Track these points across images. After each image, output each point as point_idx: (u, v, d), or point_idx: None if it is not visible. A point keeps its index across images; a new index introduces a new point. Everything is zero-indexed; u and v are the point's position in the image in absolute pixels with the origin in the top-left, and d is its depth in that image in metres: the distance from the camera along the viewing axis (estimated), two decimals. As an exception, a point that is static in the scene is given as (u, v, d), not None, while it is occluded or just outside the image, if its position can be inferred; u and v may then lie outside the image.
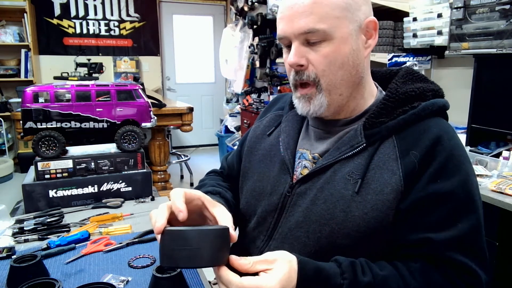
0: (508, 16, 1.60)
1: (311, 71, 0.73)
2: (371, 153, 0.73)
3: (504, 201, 1.36)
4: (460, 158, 0.71)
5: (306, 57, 0.72)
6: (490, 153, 1.81)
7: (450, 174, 0.69)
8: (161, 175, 3.38)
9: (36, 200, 1.33)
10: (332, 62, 0.72)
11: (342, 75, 0.74)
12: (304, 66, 0.73)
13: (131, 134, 1.48)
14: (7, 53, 4.63)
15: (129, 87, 1.52)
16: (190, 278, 0.88)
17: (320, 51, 0.71)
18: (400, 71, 0.83)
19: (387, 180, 0.70)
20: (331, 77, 0.73)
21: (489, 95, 1.81)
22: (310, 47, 0.72)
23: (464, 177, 0.70)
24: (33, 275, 0.79)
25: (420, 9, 2.20)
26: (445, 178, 0.68)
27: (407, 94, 0.75)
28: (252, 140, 0.94)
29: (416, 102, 0.75)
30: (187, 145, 6.00)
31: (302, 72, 0.74)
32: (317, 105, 0.75)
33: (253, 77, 4.84)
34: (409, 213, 0.69)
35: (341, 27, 0.71)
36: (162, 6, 5.53)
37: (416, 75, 0.81)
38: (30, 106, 1.38)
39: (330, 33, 0.70)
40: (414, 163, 0.69)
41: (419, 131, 0.72)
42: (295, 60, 0.72)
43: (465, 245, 0.67)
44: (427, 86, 0.78)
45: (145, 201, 1.41)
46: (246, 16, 4.43)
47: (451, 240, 0.67)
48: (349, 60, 0.73)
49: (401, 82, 0.79)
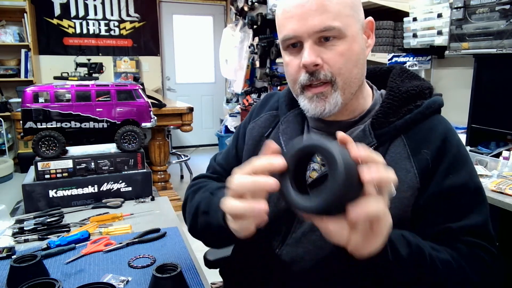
0: (508, 16, 1.60)
1: (327, 70, 0.71)
2: (382, 153, 0.73)
3: (504, 201, 1.36)
4: (465, 152, 0.76)
5: (321, 56, 0.71)
6: (490, 153, 1.81)
7: (460, 168, 0.73)
8: (161, 175, 3.38)
9: (36, 200, 1.33)
10: (348, 60, 0.72)
11: (356, 73, 0.74)
12: (320, 65, 0.71)
13: (131, 134, 1.48)
14: (7, 53, 4.63)
15: (129, 87, 1.52)
16: (190, 278, 0.88)
17: (335, 50, 0.71)
18: (393, 69, 0.84)
19: (403, 178, 0.71)
20: (347, 75, 0.72)
21: (489, 95, 1.81)
22: (324, 46, 0.71)
23: (470, 169, 0.75)
24: (33, 275, 0.79)
25: (420, 9, 2.20)
26: (456, 172, 0.73)
27: (409, 93, 0.77)
28: (250, 143, 0.90)
29: (418, 101, 0.77)
30: (187, 145, 6.00)
31: (318, 72, 0.71)
32: (333, 104, 0.73)
33: (253, 77, 4.84)
34: (427, 208, 0.72)
35: (351, 25, 0.71)
36: (162, 6, 5.53)
37: (409, 73, 0.82)
38: (30, 106, 1.38)
39: (344, 31, 0.70)
40: (427, 160, 0.72)
41: (426, 130, 0.75)
42: (312, 59, 0.70)
43: (479, 233, 0.72)
44: (423, 84, 0.79)
45: (145, 201, 1.41)
46: (246, 16, 4.43)
47: (468, 228, 0.71)
48: (360, 58, 0.74)
49: (400, 81, 0.80)
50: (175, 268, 0.79)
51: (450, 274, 0.66)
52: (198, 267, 0.94)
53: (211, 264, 1.26)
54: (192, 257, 0.99)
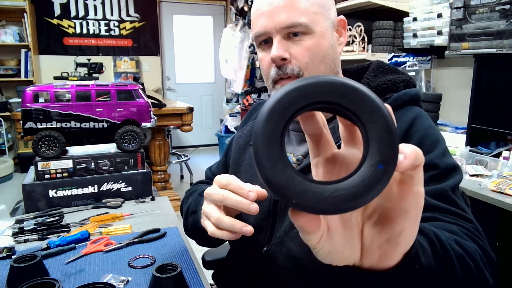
0: (508, 16, 1.60)
1: (294, 64, 0.74)
2: None
3: (504, 201, 1.37)
4: (435, 136, 0.72)
5: (289, 51, 0.74)
6: (490, 153, 1.81)
7: (428, 151, 0.68)
8: (161, 175, 3.38)
9: (36, 200, 1.33)
10: (315, 55, 0.74)
11: (324, 68, 0.76)
12: (287, 59, 0.74)
13: (131, 134, 1.48)
14: (7, 53, 4.63)
15: (129, 87, 1.52)
16: (190, 278, 0.88)
17: (302, 45, 0.74)
18: (371, 65, 0.85)
19: None
20: (314, 70, 0.75)
21: (489, 95, 1.81)
22: (292, 41, 0.74)
23: (442, 151, 0.70)
24: (33, 275, 0.79)
25: (420, 9, 2.20)
26: (424, 154, 0.68)
27: (379, 87, 0.78)
28: (236, 151, 0.94)
29: (388, 94, 0.77)
30: (187, 145, 6.00)
31: (285, 66, 0.74)
32: None
33: (253, 77, 4.84)
34: None
35: (319, 22, 0.74)
36: (162, 6, 5.53)
37: (386, 68, 0.82)
38: (30, 106, 1.38)
39: (311, 27, 0.73)
40: None
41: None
42: (279, 53, 0.73)
43: (444, 197, 0.65)
44: (398, 78, 0.79)
45: (145, 201, 1.41)
46: (246, 16, 4.43)
47: (431, 191, 0.64)
48: (329, 54, 0.76)
49: (373, 76, 0.81)
50: (175, 268, 0.79)
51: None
52: (198, 267, 0.94)
53: (208, 265, 1.26)
54: (192, 257, 0.99)
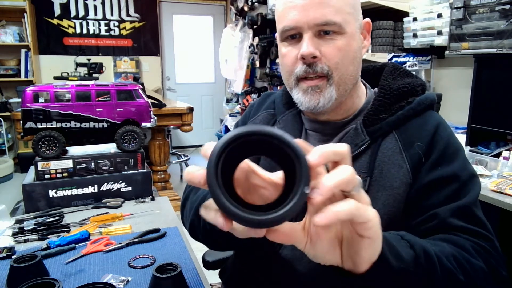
0: (508, 16, 1.60)
1: (324, 63, 0.72)
2: (375, 150, 0.74)
3: (504, 201, 1.36)
4: (456, 145, 0.76)
5: (319, 49, 0.71)
6: (490, 153, 1.81)
7: (450, 160, 0.72)
8: (161, 175, 3.38)
9: (36, 200, 1.33)
10: (345, 56, 0.72)
11: (352, 70, 0.74)
12: (318, 57, 0.71)
13: (131, 134, 1.48)
14: (7, 53, 4.63)
15: (129, 87, 1.52)
16: (190, 278, 0.88)
17: (333, 44, 0.71)
18: (386, 67, 0.85)
19: (395, 174, 0.71)
20: (343, 71, 0.73)
21: (489, 95, 1.81)
22: (323, 39, 0.71)
23: (463, 160, 0.74)
24: (33, 275, 0.79)
25: (420, 9, 2.20)
26: (446, 164, 0.72)
27: (400, 90, 0.78)
28: None
29: (410, 98, 0.78)
30: (187, 145, 6.00)
31: (315, 64, 0.72)
32: (327, 98, 0.73)
33: (253, 77, 4.83)
34: (414, 201, 0.71)
35: (351, 23, 0.72)
36: (162, 6, 5.53)
37: (402, 71, 0.83)
38: (30, 106, 1.38)
39: (344, 27, 0.71)
40: (420, 154, 0.72)
41: (418, 124, 0.75)
42: (311, 50, 0.70)
43: (466, 215, 0.67)
44: (415, 81, 0.80)
45: (145, 201, 1.41)
46: (246, 16, 4.43)
47: (454, 209, 0.67)
48: (357, 56, 0.75)
49: (392, 79, 0.81)
50: (175, 268, 0.79)
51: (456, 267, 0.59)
52: (198, 267, 0.94)
53: (209, 266, 1.26)
54: (192, 257, 0.99)
